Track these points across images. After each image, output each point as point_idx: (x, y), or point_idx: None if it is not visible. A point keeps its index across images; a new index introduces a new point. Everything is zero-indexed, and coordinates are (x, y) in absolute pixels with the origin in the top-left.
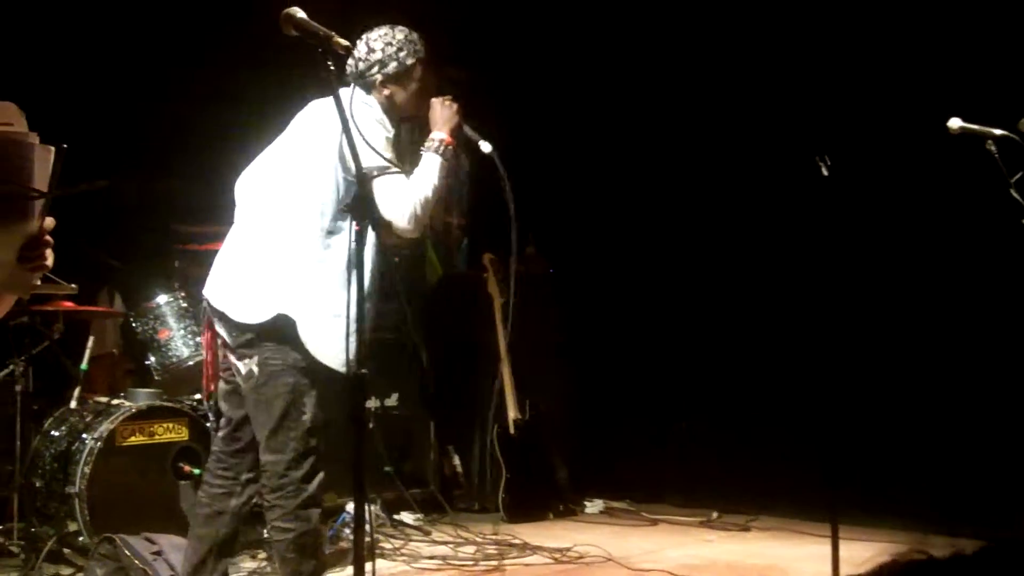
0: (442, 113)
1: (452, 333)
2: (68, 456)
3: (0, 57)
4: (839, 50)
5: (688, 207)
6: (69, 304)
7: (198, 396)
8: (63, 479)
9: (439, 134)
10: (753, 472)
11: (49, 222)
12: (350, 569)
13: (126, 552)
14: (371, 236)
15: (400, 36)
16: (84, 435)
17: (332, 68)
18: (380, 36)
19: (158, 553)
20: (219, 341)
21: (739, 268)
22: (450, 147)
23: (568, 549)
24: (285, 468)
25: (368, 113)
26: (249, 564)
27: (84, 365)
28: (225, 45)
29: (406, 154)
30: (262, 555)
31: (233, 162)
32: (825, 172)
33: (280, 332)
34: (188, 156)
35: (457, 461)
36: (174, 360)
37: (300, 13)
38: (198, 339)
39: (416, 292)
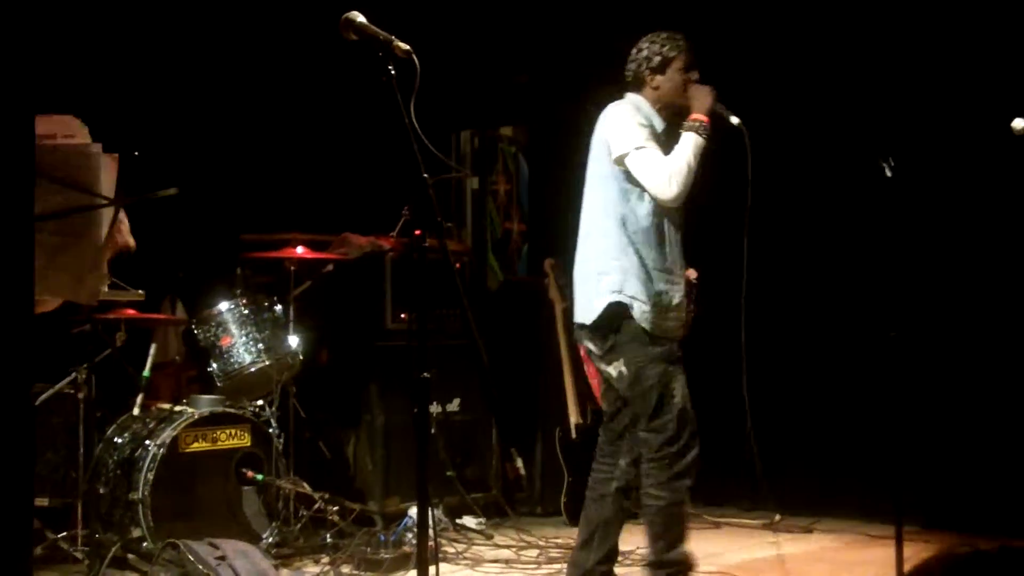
0: (697, 96)
1: (513, 338)
2: (131, 463)
3: (72, 67)
4: (904, 51)
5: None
6: (132, 312)
7: (260, 402)
8: (127, 486)
9: (696, 115)
10: (816, 474)
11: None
12: (413, 573)
13: (190, 557)
14: (661, 209)
15: (664, 35)
16: (147, 442)
17: (392, 72)
18: (647, 38)
19: (222, 558)
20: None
21: (802, 269)
22: (705, 125)
23: (631, 552)
24: (662, 443)
25: (622, 108)
26: (312, 568)
27: (147, 372)
28: (293, 56)
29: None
30: (325, 560)
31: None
32: (888, 173)
33: (626, 325)
34: (253, 164)
35: (520, 463)
36: (236, 367)
37: (360, 18)
38: (260, 346)
39: (477, 298)
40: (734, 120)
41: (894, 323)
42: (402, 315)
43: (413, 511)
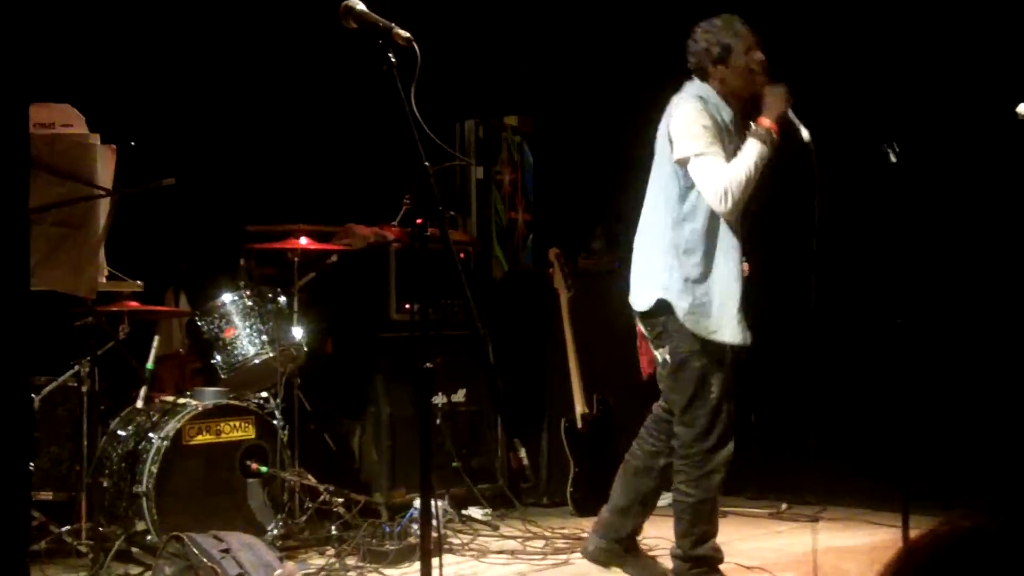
0: (771, 100)
1: (519, 328)
2: (135, 455)
3: (70, 56)
4: (908, 36)
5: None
6: (135, 304)
7: (264, 394)
8: (130, 478)
9: (765, 120)
10: (822, 463)
11: None
12: (418, 564)
13: (194, 550)
14: (718, 215)
15: (719, 22)
16: (151, 434)
17: (393, 61)
18: (702, 27)
19: (226, 551)
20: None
21: (806, 255)
22: (772, 133)
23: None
24: (693, 439)
25: (688, 105)
26: (318, 560)
27: (150, 365)
28: (295, 45)
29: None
30: (330, 552)
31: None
32: (893, 159)
33: (672, 319)
34: (255, 155)
35: (523, 454)
36: (240, 359)
37: (360, 5)
38: (263, 337)
39: (483, 287)
40: (804, 135)
41: (901, 310)
42: (407, 306)
43: (418, 502)
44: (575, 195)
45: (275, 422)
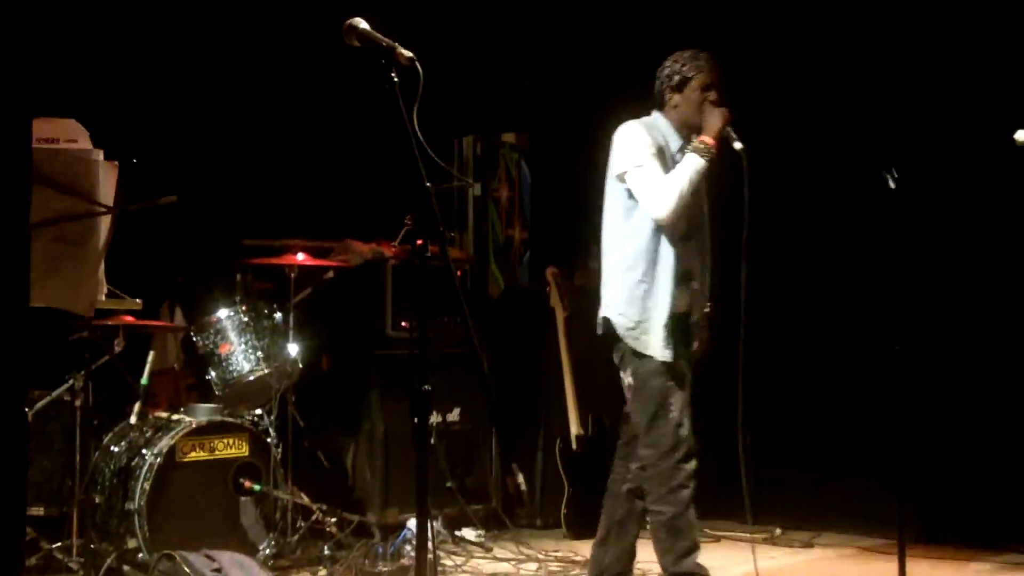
0: (711, 118)
1: (514, 347)
2: (128, 472)
3: (69, 73)
4: (908, 62)
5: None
6: (130, 319)
7: (259, 411)
8: (123, 495)
9: (705, 137)
10: (817, 488)
11: None
12: None
13: (186, 569)
14: (659, 229)
15: (687, 54)
16: (144, 451)
17: (396, 79)
18: (672, 56)
19: (218, 570)
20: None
21: (806, 280)
22: (710, 148)
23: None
24: (658, 459)
25: (628, 126)
26: None
27: (145, 380)
28: (296, 62)
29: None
30: (322, 571)
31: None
32: (892, 185)
33: (624, 341)
34: (253, 170)
35: (521, 479)
36: (235, 375)
37: (363, 24)
38: (259, 354)
39: (479, 305)
40: (736, 145)
41: (898, 336)
42: (403, 323)
43: (412, 522)
44: (572, 213)
45: (269, 440)
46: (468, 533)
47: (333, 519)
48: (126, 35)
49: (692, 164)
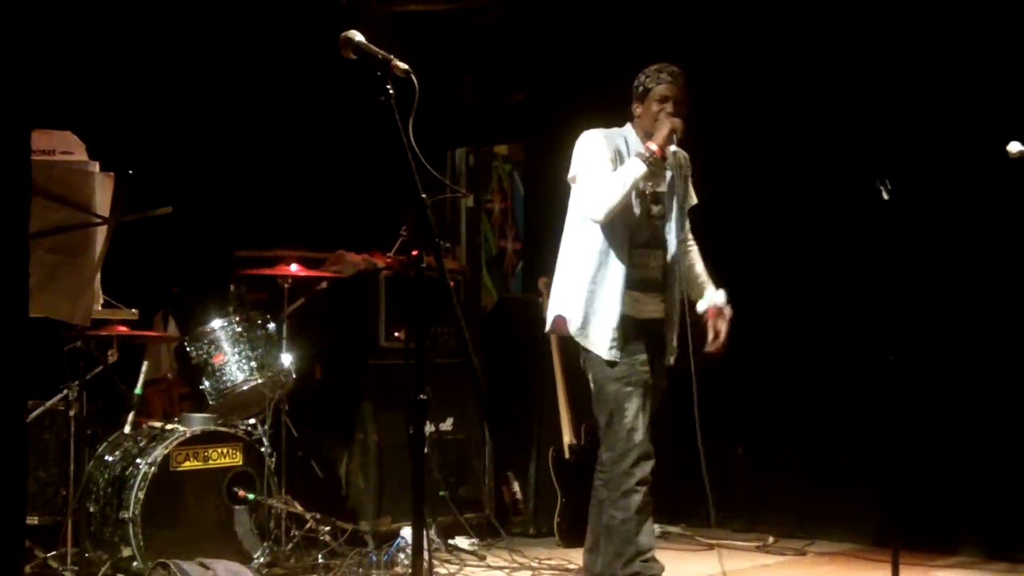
0: (660, 127)
1: (507, 356)
2: (122, 481)
3: (66, 85)
4: (901, 74)
5: (748, 230)
6: (124, 329)
7: (252, 420)
8: (117, 504)
9: (651, 144)
10: (810, 496)
11: None
12: None
13: None
14: (606, 232)
15: (655, 67)
16: (138, 460)
17: (391, 92)
18: (644, 70)
19: None
20: None
21: (798, 291)
22: (653, 155)
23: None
24: (612, 463)
25: (587, 134)
26: None
27: (139, 390)
28: (290, 73)
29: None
30: None
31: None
32: (885, 196)
33: (579, 342)
34: (247, 181)
35: (517, 487)
36: (228, 385)
37: (359, 36)
38: (252, 364)
39: (472, 316)
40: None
41: (892, 347)
42: (396, 333)
43: (405, 531)
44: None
45: (263, 449)
46: (462, 542)
47: (327, 528)
48: (123, 48)
49: (631, 169)
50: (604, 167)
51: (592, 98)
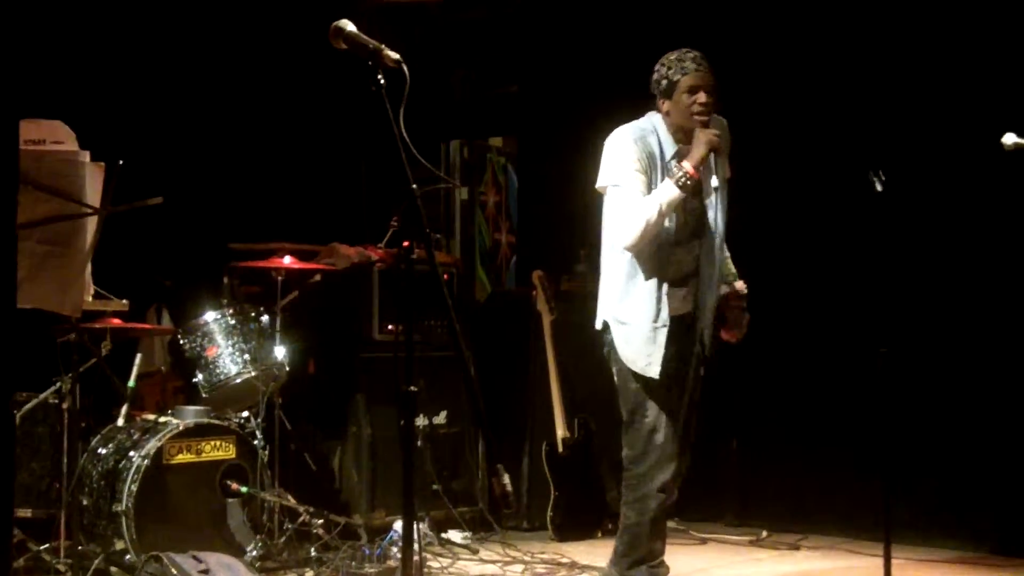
0: (696, 144)
1: (501, 350)
2: (115, 474)
3: (56, 75)
4: (895, 65)
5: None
6: (117, 321)
7: (246, 414)
8: (110, 497)
9: (686, 164)
10: (803, 491)
11: None
12: None
13: (173, 571)
14: (706, 244)
15: (673, 56)
16: (131, 453)
17: (382, 82)
18: (661, 59)
19: (205, 572)
20: None
21: (791, 283)
22: (689, 176)
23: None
24: (630, 462)
25: (619, 134)
26: None
27: (132, 382)
28: (282, 65)
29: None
30: (309, 573)
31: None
32: (879, 188)
33: (613, 342)
34: (240, 173)
35: (507, 480)
36: (222, 378)
37: (350, 26)
38: (246, 356)
39: (465, 309)
40: (714, 182)
41: (885, 339)
42: (389, 327)
43: (398, 525)
44: (559, 217)
45: (256, 442)
46: (455, 535)
47: (320, 521)
48: (113, 37)
49: (666, 194)
50: (635, 188)
51: (586, 90)
